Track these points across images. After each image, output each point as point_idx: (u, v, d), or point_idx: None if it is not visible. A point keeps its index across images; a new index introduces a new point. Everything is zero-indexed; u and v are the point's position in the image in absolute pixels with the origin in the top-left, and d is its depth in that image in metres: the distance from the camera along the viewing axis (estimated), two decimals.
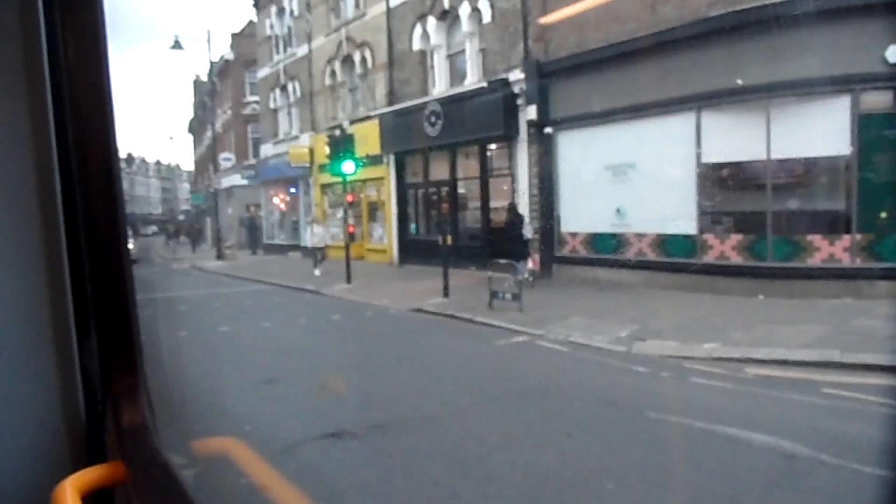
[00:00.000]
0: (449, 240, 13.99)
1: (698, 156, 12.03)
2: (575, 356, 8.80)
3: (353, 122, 22.87)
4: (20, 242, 1.57)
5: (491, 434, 5.71)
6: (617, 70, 12.98)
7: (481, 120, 16.06)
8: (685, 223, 12.32)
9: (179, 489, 1.33)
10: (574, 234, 14.70)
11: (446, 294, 13.79)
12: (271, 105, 29.10)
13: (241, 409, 6.60)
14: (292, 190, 28.43)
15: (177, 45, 28.93)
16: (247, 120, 36.80)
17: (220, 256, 28.66)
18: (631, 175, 13.23)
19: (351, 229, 17.91)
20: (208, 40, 45.15)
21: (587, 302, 12.33)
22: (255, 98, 35.89)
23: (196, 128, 57.11)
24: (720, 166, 12.07)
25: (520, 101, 15.47)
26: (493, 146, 16.84)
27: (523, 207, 15.71)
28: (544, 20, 14.79)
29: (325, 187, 25.08)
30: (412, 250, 19.87)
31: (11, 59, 1.54)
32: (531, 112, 14.88)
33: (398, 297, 14.50)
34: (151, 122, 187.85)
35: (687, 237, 12.37)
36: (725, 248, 11.87)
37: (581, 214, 14.48)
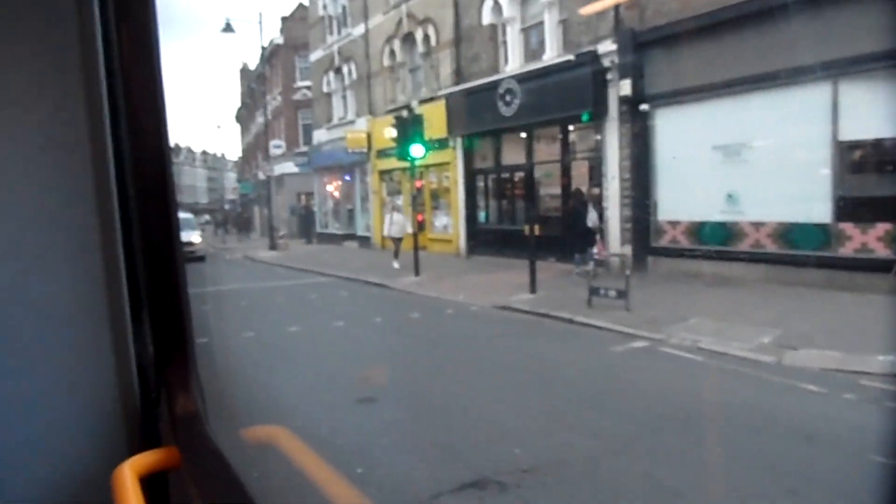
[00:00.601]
0: (537, 229, 12.57)
1: (834, 133, 10.37)
2: (717, 368, 7.39)
3: (407, 106, 21.56)
4: (80, 237, 1.64)
5: (680, 484, 4.34)
6: (730, 36, 11.36)
7: (565, 97, 14.57)
8: (816, 210, 10.69)
9: (231, 474, 1.37)
10: (674, 223, 13.15)
11: (533, 289, 12.42)
12: (325, 89, 27.99)
13: (343, 441, 5.34)
14: (347, 177, 27.32)
15: (228, 28, 27.98)
16: (297, 106, 35.84)
17: (273, 246, 27.75)
18: (746, 156, 11.63)
19: (420, 218, 16.63)
20: (260, 22, 44.07)
21: (701, 300, 10.83)
22: (306, 83, 34.90)
23: (243, 116, 56.60)
24: (861, 144, 10.41)
25: (610, 76, 13.94)
26: (576, 126, 15.33)
27: (612, 193, 14.22)
28: None
29: (383, 174, 23.87)
30: (481, 240, 18.52)
31: (70, 59, 1.60)
32: (624, 87, 13.34)
33: (477, 293, 13.19)
34: (197, 111, 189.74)
35: (818, 226, 10.74)
36: (868, 238, 10.22)
37: (683, 201, 12.92)
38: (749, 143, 11.51)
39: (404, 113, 16.18)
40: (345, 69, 26.17)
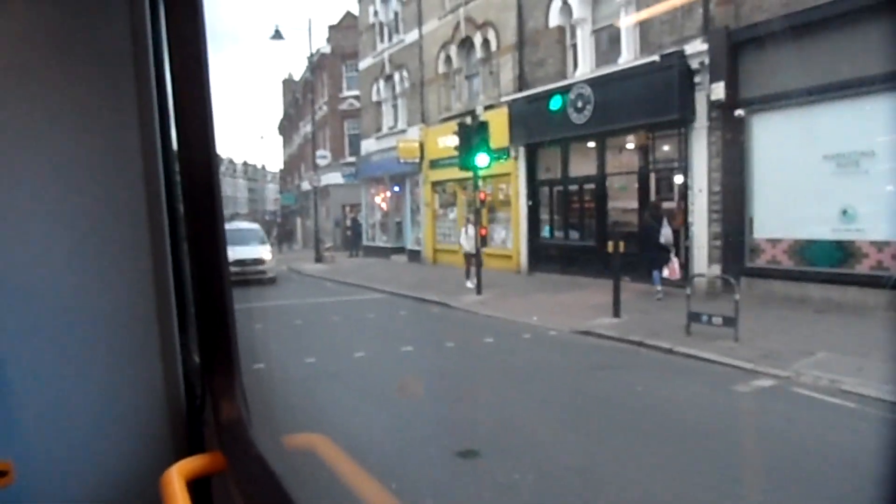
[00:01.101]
0: (622, 246, 11.37)
1: None
2: (880, 418, 6.12)
3: (467, 113, 20.53)
4: (131, 248, 1.71)
5: None
6: (844, 32, 10.08)
7: (646, 103, 13.37)
8: None
9: (274, 480, 1.40)
10: (774, 241, 11.82)
11: (617, 312, 11.22)
12: (374, 97, 27.16)
13: None
14: (396, 188, 26.40)
15: (277, 35, 27.39)
16: (344, 115, 35.17)
17: (319, 259, 26.92)
18: (866, 166, 10.29)
19: (484, 232, 15.53)
20: (309, 29, 42.97)
21: (819, 330, 9.49)
22: (354, 92, 34.21)
23: (286, 127, 56.37)
24: None
25: (698, 79, 12.71)
26: (657, 134, 14.10)
27: (699, 207, 12.95)
28: None
29: (435, 185, 22.87)
30: (545, 256, 17.35)
31: (123, 80, 1.68)
32: (717, 91, 12.10)
33: (550, 314, 12.03)
34: (240, 122, 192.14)
35: None
36: None
37: (785, 216, 11.59)
38: (871, 151, 10.18)
39: (468, 120, 15.10)
40: (396, 77, 25.31)
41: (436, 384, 7.91)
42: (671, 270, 13.03)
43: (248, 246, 18.83)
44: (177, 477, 1.42)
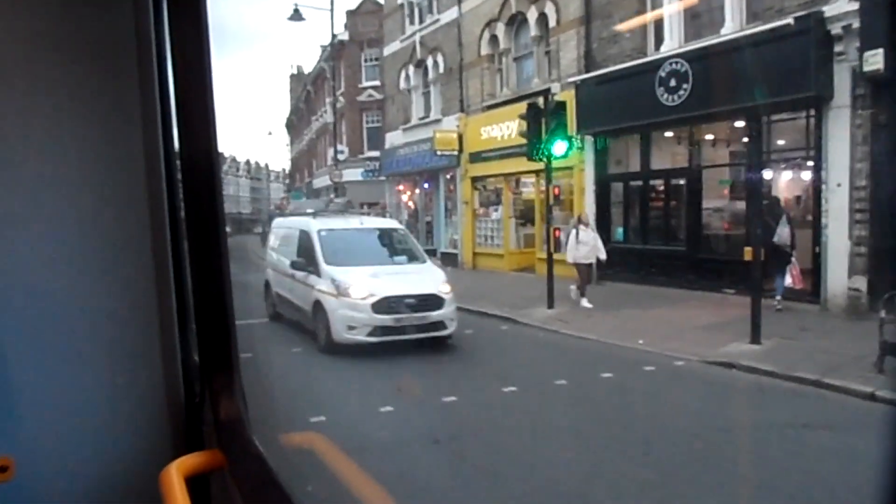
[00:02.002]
0: (763, 254, 8.99)
1: None
2: None
3: (518, 99, 18.15)
4: (132, 245, 1.71)
5: None
6: None
7: (766, 78, 10.94)
8: None
9: (272, 477, 1.44)
10: None
11: (756, 337, 8.80)
12: (402, 85, 24.74)
13: None
14: (426, 185, 24.01)
15: (296, 15, 25.00)
16: (362, 108, 32.75)
17: None
18: None
19: (557, 233, 13.08)
20: (332, 9, 39.98)
21: None
22: (373, 83, 31.82)
23: (294, 124, 53.94)
24: None
25: (840, 48, 10.31)
26: (776, 117, 11.69)
27: (836, 206, 10.54)
28: None
29: (476, 181, 20.44)
30: (616, 263, 14.92)
31: (126, 75, 1.67)
32: (873, 61, 9.68)
33: (660, 337, 9.67)
34: (242, 119, 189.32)
35: None
36: None
37: None
38: None
39: (540, 100, 12.67)
40: (429, 61, 22.88)
41: (582, 460, 5.46)
42: (794, 277, 10.69)
43: (399, 267, 10.47)
44: (176, 474, 1.43)
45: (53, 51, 1.60)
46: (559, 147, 12.27)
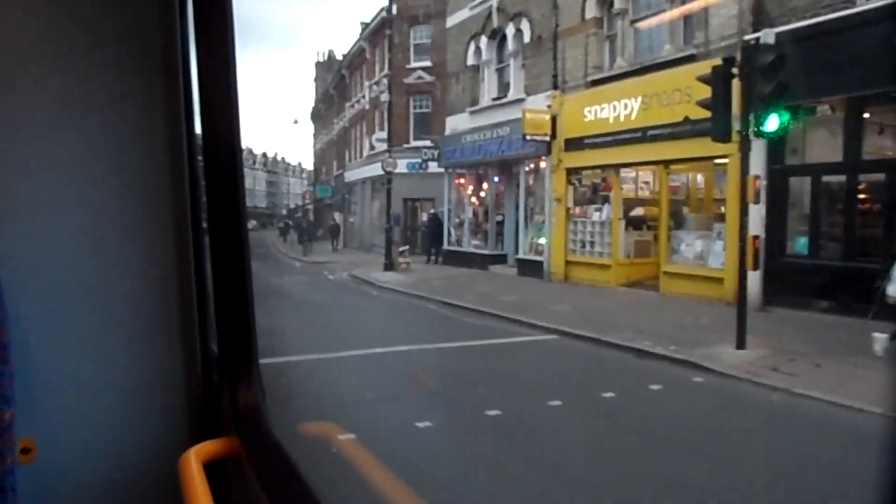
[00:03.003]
0: None
1: None
2: None
3: (638, 71, 14.45)
4: (154, 235, 1.74)
5: None
6: None
7: None
8: None
9: (290, 465, 1.42)
10: None
11: None
12: (470, 61, 21.06)
13: None
14: (496, 178, 20.37)
15: None
16: (410, 91, 29.08)
17: (389, 265, 20.84)
18: None
19: (756, 243, 9.31)
20: None
21: None
22: (423, 63, 28.19)
23: (322, 112, 50.37)
24: None
25: None
26: None
27: None
28: None
29: (571, 173, 16.74)
30: (794, 283, 11.19)
31: (152, 71, 1.71)
32: None
33: None
34: (258, 110, 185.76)
35: None
36: None
37: None
38: None
39: (745, 55, 8.99)
40: (509, 30, 19.18)
41: None
42: None
43: None
44: (194, 460, 1.45)
45: (79, 42, 1.64)
46: (772, 122, 8.57)
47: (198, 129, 1.76)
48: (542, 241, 17.94)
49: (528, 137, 16.58)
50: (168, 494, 1.54)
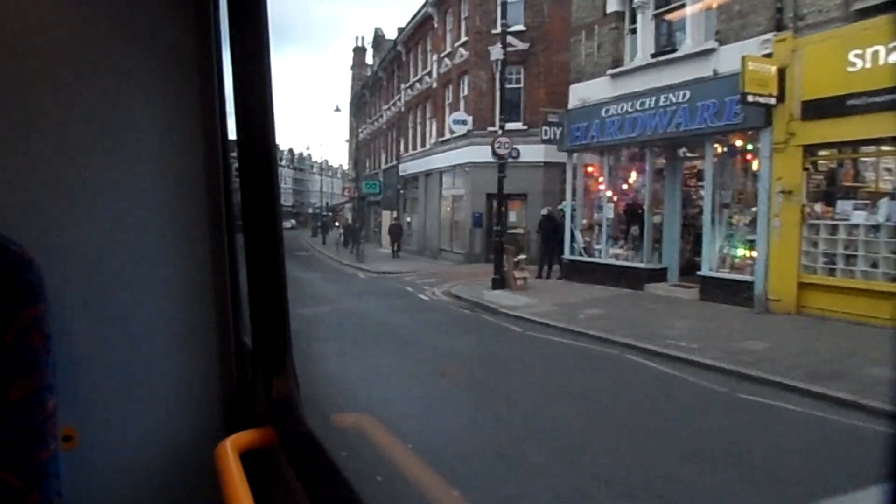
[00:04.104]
0: None
1: None
2: None
3: None
4: (191, 230, 1.79)
5: None
6: None
7: None
8: None
9: (324, 454, 1.47)
10: None
11: None
12: (610, 6, 15.62)
13: None
14: (645, 167, 14.92)
15: None
16: (496, 62, 23.68)
17: (500, 281, 15.49)
18: None
19: None
20: None
21: None
22: (514, 27, 22.74)
23: (365, 99, 45.11)
24: None
25: None
26: None
27: None
28: None
29: (810, 152, 11.27)
30: None
31: (188, 73, 1.75)
32: None
33: None
34: (285, 106, 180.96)
35: None
36: None
37: None
38: None
39: None
40: None
41: None
42: None
43: None
44: (231, 449, 1.48)
45: (116, 41, 1.68)
46: None
47: (231, 127, 1.80)
48: (743, 251, 12.48)
49: (749, 98, 11.08)
50: (205, 482, 1.58)
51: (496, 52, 19.53)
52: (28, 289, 1.33)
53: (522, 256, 15.89)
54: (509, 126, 23.04)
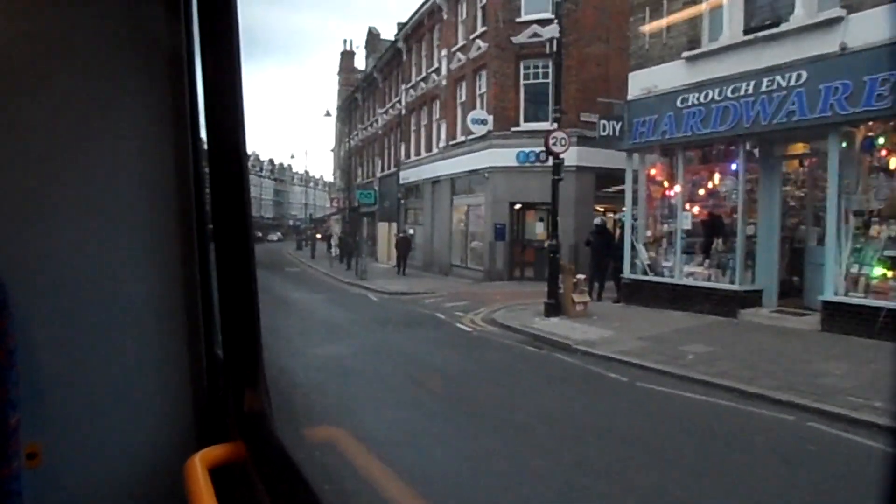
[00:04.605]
0: None
1: None
2: None
3: None
4: (160, 241, 1.74)
5: None
6: None
7: None
8: None
9: (294, 469, 1.43)
10: None
11: None
12: None
13: None
14: (732, 166, 12.33)
15: None
16: (520, 55, 21.10)
17: (555, 307, 12.76)
18: None
19: None
20: None
21: None
22: (540, 14, 20.18)
23: (357, 103, 42.30)
24: None
25: None
26: None
27: None
28: None
29: None
30: None
31: (158, 80, 1.71)
32: None
33: None
34: (261, 116, 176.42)
35: None
36: None
37: None
38: None
39: None
40: None
41: None
42: None
43: None
44: (200, 465, 1.43)
45: (85, 46, 1.63)
46: None
47: (203, 135, 1.72)
48: (883, 270, 9.90)
49: None
50: (174, 499, 1.51)
51: (551, 29, 16.73)
52: None
53: (581, 276, 13.13)
54: (535, 126, 20.56)
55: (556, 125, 13.85)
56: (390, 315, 14.47)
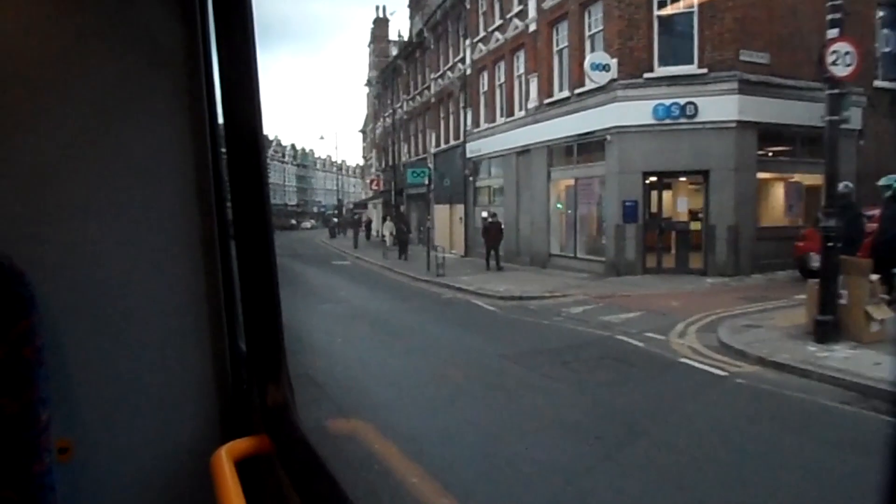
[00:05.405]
0: None
1: None
2: None
3: None
4: (182, 236, 1.73)
5: None
6: None
7: None
8: None
9: (319, 461, 1.42)
10: None
11: None
12: None
13: None
14: None
15: None
16: None
17: (833, 326, 7.86)
18: None
19: None
20: None
21: None
22: None
23: (400, 72, 37.27)
24: None
25: None
26: None
27: None
28: None
29: None
30: None
31: (177, 76, 1.69)
32: None
33: None
34: (283, 102, 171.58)
35: None
36: None
37: None
38: None
39: None
40: None
41: None
42: None
43: None
44: (226, 457, 1.44)
45: (102, 45, 1.61)
46: None
47: (221, 129, 1.73)
48: None
49: None
50: (201, 492, 1.52)
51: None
52: (19, 302, 1.29)
53: (874, 277, 8.19)
54: (675, 70, 15.64)
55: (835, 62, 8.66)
56: (551, 343, 9.56)
